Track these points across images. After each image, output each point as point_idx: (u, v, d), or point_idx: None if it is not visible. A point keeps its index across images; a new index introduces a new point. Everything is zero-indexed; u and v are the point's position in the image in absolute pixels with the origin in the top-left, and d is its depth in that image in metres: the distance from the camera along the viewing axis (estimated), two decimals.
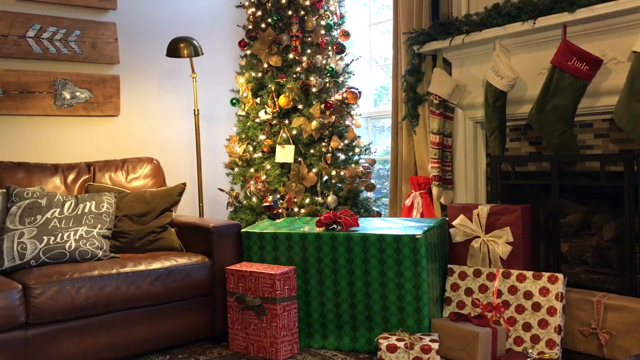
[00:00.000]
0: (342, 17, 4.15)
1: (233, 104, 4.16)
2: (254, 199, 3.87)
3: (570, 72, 2.95)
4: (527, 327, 2.79)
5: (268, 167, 3.87)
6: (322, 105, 3.82)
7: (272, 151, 3.89)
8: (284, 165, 3.87)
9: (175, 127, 4.39)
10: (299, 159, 3.84)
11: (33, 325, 2.66)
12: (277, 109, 3.88)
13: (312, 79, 3.85)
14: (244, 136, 4.05)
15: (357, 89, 3.99)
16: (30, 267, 2.91)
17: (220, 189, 4.18)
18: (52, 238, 2.99)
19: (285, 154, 3.82)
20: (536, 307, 2.79)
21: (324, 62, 3.95)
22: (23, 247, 2.92)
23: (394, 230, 2.98)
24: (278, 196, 3.77)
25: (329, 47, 4.00)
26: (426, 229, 2.96)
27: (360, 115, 4.16)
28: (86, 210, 3.17)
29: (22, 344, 2.63)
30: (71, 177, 3.55)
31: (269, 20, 3.97)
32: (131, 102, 4.20)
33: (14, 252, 2.90)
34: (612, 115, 2.84)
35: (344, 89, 3.99)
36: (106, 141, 4.09)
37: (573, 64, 2.93)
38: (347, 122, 3.97)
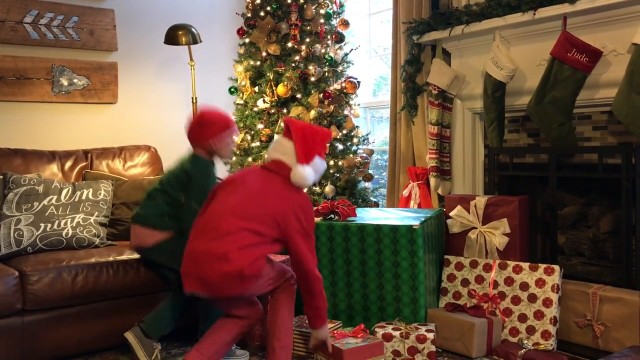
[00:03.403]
0: (341, 6, 4.12)
1: (231, 93, 4.15)
2: None
3: (569, 64, 2.94)
4: (522, 318, 2.80)
5: (266, 156, 3.86)
6: (321, 95, 3.80)
7: (270, 140, 3.88)
8: None
9: (173, 115, 4.37)
10: None
11: (29, 311, 2.67)
12: (276, 98, 3.87)
13: (310, 68, 3.84)
14: (242, 125, 4.04)
15: (356, 78, 3.98)
16: (27, 253, 2.91)
17: (218, 178, 4.17)
18: (49, 225, 2.99)
19: None
20: (532, 298, 2.80)
21: (323, 51, 3.93)
22: (20, 234, 2.92)
23: (392, 221, 2.98)
24: None
25: (328, 36, 3.98)
26: (423, 219, 2.96)
27: (358, 105, 4.15)
28: (83, 197, 3.17)
29: (18, 330, 2.63)
30: (68, 164, 3.53)
31: (268, 8, 3.95)
32: (129, 89, 4.18)
33: (10, 238, 2.90)
34: (611, 108, 2.83)
35: (342, 79, 3.97)
36: (104, 128, 4.07)
37: (573, 56, 2.93)
38: (346, 112, 3.97)
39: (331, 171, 3.84)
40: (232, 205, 2.30)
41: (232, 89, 4.13)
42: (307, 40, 3.92)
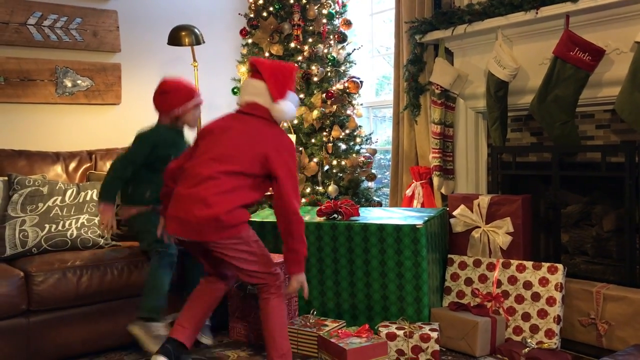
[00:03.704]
0: (343, 5, 4.13)
1: (234, 93, 4.16)
2: None
3: (572, 63, 2.94)
4: (526, 317, 2.81)
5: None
6: (324, 95, 3.81)
7: None
8: None
9: None
10: (300, 149, 3.83)
11: (34, 312, 2.68)
12: None
13: (313, 68, 3.84)
14: None
15: (358, 78, 3.98)
16: (32, 254, 2.92)
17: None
18: (54, 226, 3.00)
19: None
20: (535, 297, 2.80)
21: (325, 51, 3.94)
22: (25, 235, 2.93)
23: (395, 220, 2.99)
24: None
25: (331, 36, 3.99)
26: (427, 219, 2.96)
27: (361, 104, 4.15)
28: (88, 198, 3.18)
29: (23, 331, 2.64)
30: (72, 165, 3.54)
31: (271, 8, 3.95)
32: (132, 90, 4.19)
33: (15, 239, 2.91)
34: (614, 106, 2.83)
35: (345, 79, 3.98)
36: (107, 129, 4.08)
37: (575, 54, 2.92)
38: (349, 112, 3.97)
39: (334, 171, 3.84)
40: (213, 151, 2.38)
41: (235, 90, 4.14)
42: (310, 40, 3.93)
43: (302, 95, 3.87)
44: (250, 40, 4.07)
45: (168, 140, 2.92)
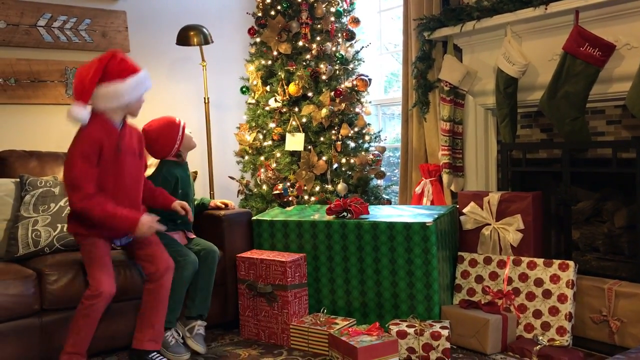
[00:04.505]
0: (351, 3, 4.12)
1: (243, 92, 4.17)
2: (264, 187, 3.88)
3: (582, 58, 2.93)
4: (537, 314, 2.80)
5: (278, 155, 3.88)
6: (332, 93, 3.81)
7: (282, 139, 3.90)
8: (294, 153, 3.88)
9: (185, 115, 4.36)
10: (309, 147, 3.84)
11: (48, 311, 2.70)
12: (287, 96, 3.88)
13: (322, 66, 3.84)
14: (254, 124, 4.05)
15: (367, 76, 3.98)
16: (45, 254, 2.95)
17: (230, 177, 4.20)
18: (66, 226, 3.02)
19: (295, 142, 3.82)
20: (547, 294, 2.79)
21: (333, 49, 3.93)
22: (37, 235, 2.96)
23: (404, 218, 2.99)
24: (288, 184, 3.78)
25: (339, 34, 3.99)
26: (436, 216, 2.96)
27: (370, 102, 4.15)
28: None
29: (36, 330, 2.66)
30: None
31: (279, 7, 3.95)
32: None
33: (28, 239, 2.94)
34: (625, 102, 2.81)
35: (353, 77, 3.98)
36: None
37: (585, 50, 2.91)
38: (357, 110, 3.97)
39: (343, 169, 3.84)
40: None
41: (244, 89, 4.15)
42: (318, 38, 3.93)
43: (310, 94, 3.87)
44: (258, 39, 4.07)
45: (172, 175, 3.11)
